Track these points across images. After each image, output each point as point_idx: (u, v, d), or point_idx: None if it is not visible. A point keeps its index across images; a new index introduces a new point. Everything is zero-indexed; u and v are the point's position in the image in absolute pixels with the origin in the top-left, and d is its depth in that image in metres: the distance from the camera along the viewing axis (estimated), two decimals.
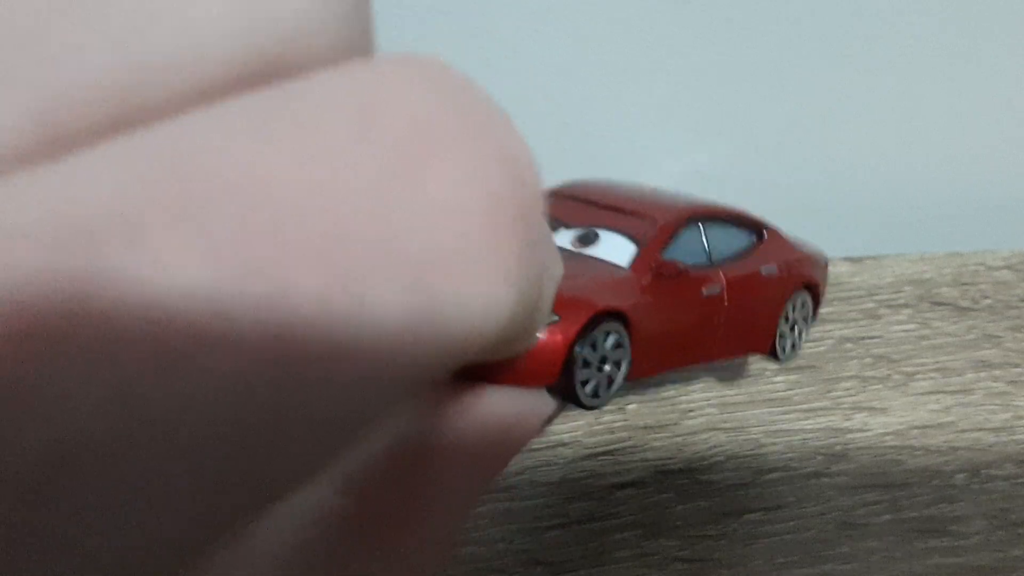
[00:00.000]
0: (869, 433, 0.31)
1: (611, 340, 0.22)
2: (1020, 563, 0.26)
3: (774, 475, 0.29)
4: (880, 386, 0.33)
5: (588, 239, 0.25)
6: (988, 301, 0.38)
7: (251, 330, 0.09)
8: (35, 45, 0.11)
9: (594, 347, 0.21)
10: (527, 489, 0.28)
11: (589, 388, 0.21)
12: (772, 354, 0.29)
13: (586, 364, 0.21)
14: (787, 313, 0.30)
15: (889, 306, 0.37)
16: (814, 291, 0.30)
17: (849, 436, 0.31)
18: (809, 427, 0.31)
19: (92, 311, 0.09)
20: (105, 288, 0.09)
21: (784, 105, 0.38)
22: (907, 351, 0.35)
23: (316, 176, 0.10)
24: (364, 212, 0.10)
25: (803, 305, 0.30)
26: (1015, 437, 0.31)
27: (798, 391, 0.32)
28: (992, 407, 0.32)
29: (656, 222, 0.25)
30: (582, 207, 0.26)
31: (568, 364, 0.20)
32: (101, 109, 0.12)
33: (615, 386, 0.22)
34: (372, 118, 0.10)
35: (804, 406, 0.32)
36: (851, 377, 0.33)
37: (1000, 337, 0.36)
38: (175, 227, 0.09)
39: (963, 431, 0.31)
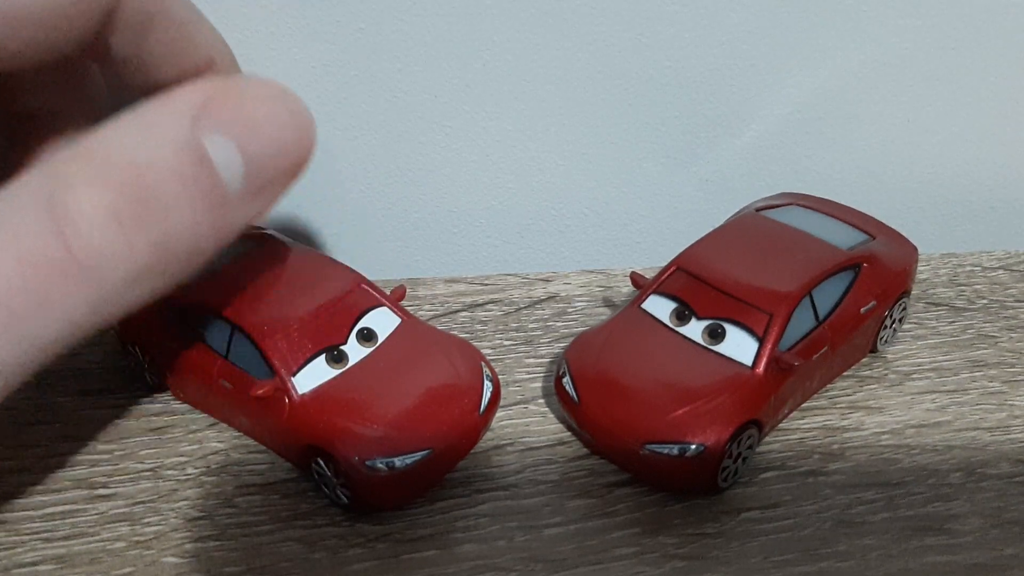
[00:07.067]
0: (865, 432, 0.31)
1: (749, 441, 0.28)
2: (1015, 561, 0.26)
3: (771, 473, 0.29)
4: (876, 385, 0.33)
5: (716, 335, 0.29)
6: (984, 301, 0.38)
7: None
8: None
9: (738, 446, 0.28)
10: (527, 488, 0.29)
11: (728, 475, 0.28)
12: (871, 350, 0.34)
13: (730, 456, 0.28)
14: (886, 321, 0.33)
15: None
16: (908, 292, 0.34)
17: (846, 435, 0.31)
18: (806, 426, 0.31)
19: None
20: None
21: (780, 106, 0.38)
22: (903, 350, 0.35)
23: None
24: None
25: (900, 309, 0.34)
26: (1010, 436, 0.31)
27: None
28: (988, 406, 0.32)
29: (774, 316, 0.29)
30: (710, 295, 0.30)
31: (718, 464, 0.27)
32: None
33: (747, 464, 0.29)
34: None
35: (801, 405, 0.32)
36: (848, 376, 0.33)
37: (996, 337, 0.36)
38: None
39: (959, 430, 0.31)
